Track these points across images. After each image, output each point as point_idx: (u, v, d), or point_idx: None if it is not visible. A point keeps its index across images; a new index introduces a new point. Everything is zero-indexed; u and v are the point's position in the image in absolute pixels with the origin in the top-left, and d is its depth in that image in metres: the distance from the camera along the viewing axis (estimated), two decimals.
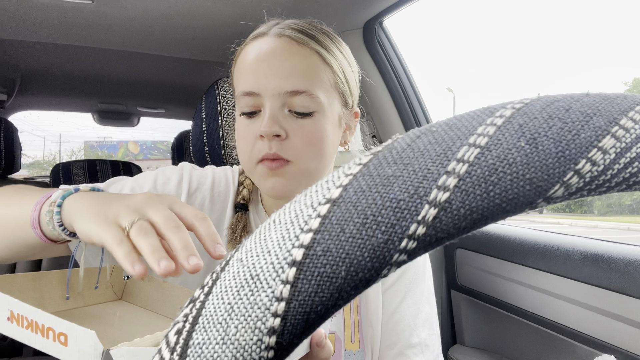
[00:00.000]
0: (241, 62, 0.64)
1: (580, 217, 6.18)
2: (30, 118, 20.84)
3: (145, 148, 18.21)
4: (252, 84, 0.60)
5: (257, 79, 0.60)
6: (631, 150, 0.17)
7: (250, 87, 0.60)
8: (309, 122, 0.60)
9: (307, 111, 0.60)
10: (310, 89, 0.59)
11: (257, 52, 0.61)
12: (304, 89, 0.59)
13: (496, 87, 59.52)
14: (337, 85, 0.64)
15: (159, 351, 0.19)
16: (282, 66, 0.59)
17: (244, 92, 0.61)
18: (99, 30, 1.38)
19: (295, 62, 0.60)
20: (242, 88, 0.61)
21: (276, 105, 0.59)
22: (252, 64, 0.61)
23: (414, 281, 0.71)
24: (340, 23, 1.25)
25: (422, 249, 0.17)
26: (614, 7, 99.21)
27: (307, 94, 0.59)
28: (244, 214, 0.67)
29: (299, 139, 0.60)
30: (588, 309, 0.83)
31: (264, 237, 0.18)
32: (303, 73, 0.60)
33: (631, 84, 7.20)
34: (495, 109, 0.19)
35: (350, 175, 0.18)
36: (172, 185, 0.66)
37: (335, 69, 0.63)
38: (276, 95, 0.59)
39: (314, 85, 0.60)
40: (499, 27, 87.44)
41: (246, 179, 0.71)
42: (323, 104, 0.61)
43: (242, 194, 0.69)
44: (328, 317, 0.18)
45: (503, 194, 0.17)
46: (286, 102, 0.59)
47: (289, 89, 0.59)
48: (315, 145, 0.61)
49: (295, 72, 0.59)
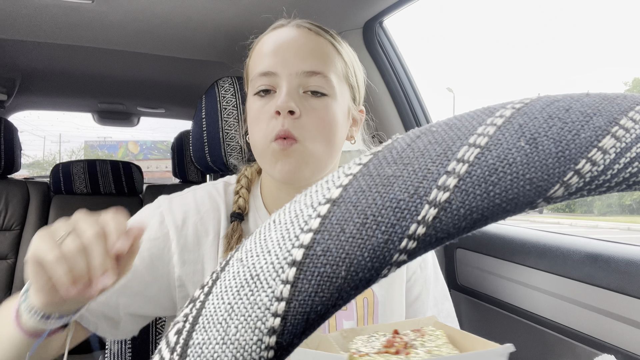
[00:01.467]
0: (259, 49, 0.66)
1: (580, 217, 6.18)
2: (30, 118, 20.83)
3: (145, 148, 18.21)
4: (270, 64, 0.62)
5: (276, 60, 0.62)
6: (631, 150, 0.17)
7: (268, 67, 0.62)
8: (322, 104, 0.62)
9: (321, 91, 0.62)
10: (325, 71, 0.62)
11: (275, 39, 0.64)
12: (319, 70, 0.62)
13: (496, 87, 59.56)
14: (347, 77, 0.66)
15: (159, 351, 0.19)
16: (301, 49, 0.62)
17: (261, 72, 0.62)
18: (99, 30, 1.38)
19: (312, 47, 0.63)
20: (259, 69, 0.63)
21: (293, 84, 0.61)
22: (271, 48, 0.63)
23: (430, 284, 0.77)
24: (340, 23, 1.25)
25: (422, 249, 0.17)
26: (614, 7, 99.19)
27: (322, 76, 0.62)
28: (239, 223, 0.67)
29: (310, 119, 0.61)
30: (588, 309, 0.83)
31: (264, 237, 0.18)
32: (319, 56, 0.63)
33: (631, 84, 7.20)
34: (495, 109, 0.19)
35: (350, 175, 0.18)
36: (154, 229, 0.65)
37: (347, 62, 0.67)
38: (293, 74, 0.61)
39: (329, 69, 0.63)
40: (499, 27, 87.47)
41: (242, 188, 0.70)
42: (335, 89, 0.63)
43: (238, 203, 0.68)
44: (328, 317, 0.18)
45: (503, 194, 0.17)
46: (302, 83, 0.62)
47: (306, 69, 0.61)
48: (325, 127, 0.62)
49: (312, 54, 0.62)
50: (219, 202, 0.69)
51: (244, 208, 0.68)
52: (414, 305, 0.75)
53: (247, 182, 0.72)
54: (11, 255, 1.93)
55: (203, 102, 1.01)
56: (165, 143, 17.09)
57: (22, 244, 1.96)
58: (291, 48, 0.62)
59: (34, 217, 2.00)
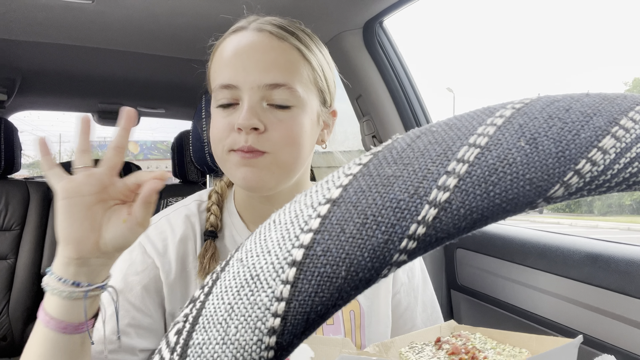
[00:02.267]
0: (219, 55, 0.62)
1: (580, 217, 6.18)
2: (30, 118, 20.83)
3: (145, 148, 18.20)
4: (231, 77, 0.59)
5: (236, 72, 0.59)
6: (631, 150, 0.17)
7: (229, 80, 0.59)
8: (288, 116, 0.59)
9: (286, 104, 0.59)
10: (289, 83, 0.59)
11: (235, 45, 0.60)
12: (283, 82, 0.58)
13: (496, 87, 59.54)
14: (316, 82, 0.63)
15: (159, 351, 0.19)
16: (262, 59, 0.58)
17: (221, 84, 0.59)
18: (99, 30, 1.38)
19: (275, 56, 0.59)
20: (219, 81, 0.60)
21: (255, 98, 0.58)
22: (230, 57, 0.60)
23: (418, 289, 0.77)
24: (340, 23, 1.25)
25: (422, 249, 0.17)
26: (614, 7, 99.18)
27: (287, 87, 0.58)
28: (212, 241, 0.65)
29: (277, 132, 0.58)
30: (588, 309, 0.83)
31: (264, 237, 0.18)
32: (283, 67, 0.59)
33: (631, 84, 7.20)
34: (495, 109, 0.19)
35: (350, 175, 0.18)
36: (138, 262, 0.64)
37: (315, 66, 0.63)
38: (255, 88, 0.58)
39: (294, 79, 0.59)
40: (499, 27, 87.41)
41: (212, 204, 0.69)
42: (302, 99, 0.60)
43: (210, 221, 0.67)
44: (328, 317, 0.18)
45: (503, 194, 0.17)
46: (265, 96, 0.59)
47: (268, 82, 0.58)
48: (293, 139, 0.60)
49: (274, 65, 0.59)
50: (194, 222, 0.68)
51: (216, 225, 0.67)
52: (404, 316, 0.75)
53: (217, 198, 0.70)
54: (11, 255, 1.93)
55: (203, 102, 1.01)
56: (165, 143, 17.08)
57: (22, 244, 1.96)
58: (252, 58, 0.58)
59: (34, 217, 2.00)
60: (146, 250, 0.64)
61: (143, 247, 0.65)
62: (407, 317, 0.75)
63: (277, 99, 0.59)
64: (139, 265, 0.64)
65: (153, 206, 0.48)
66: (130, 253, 0.64)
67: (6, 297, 1.89)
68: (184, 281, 0.65)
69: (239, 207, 0.70)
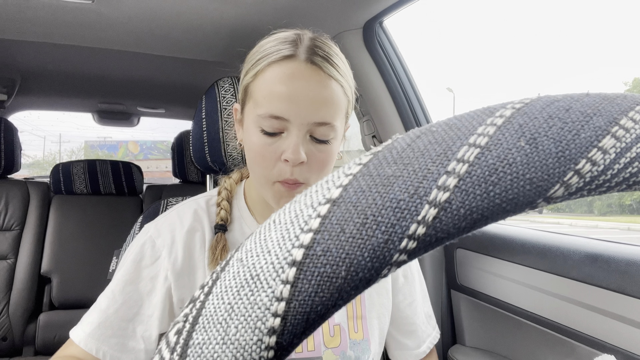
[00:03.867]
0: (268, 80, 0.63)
1: (580, 217, 6.17)
2: (30, 118, 20.84)
3: (145, 148, 18.20)
4: (282, 110, 0.61)
5: (289, 106, 0.61)
6: (631, 150, 0.17)
7: (281, 113, 0.61)
8: (326, 148, 0.64)
9: (326, 139, 0.63)
10: (333, 121, 0.63)
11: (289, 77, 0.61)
12: (329, 121, 0.62)
13: (496, 87, 59.50)
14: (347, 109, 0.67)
15: (159, 351, 0.19)
16: (314, 98, 0.61)
17: (272, 115, 0.61)
18: (99, 30, 1.38)
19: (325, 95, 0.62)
20: (270, 110, 0.61)
21: (302, 132, 0.62)
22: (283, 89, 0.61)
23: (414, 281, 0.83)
24: (340, 23, 1.25)
25: (422, 249, 0.17)
26: (614, 7, 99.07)
27: (330, 125, 0.63)
28: (223, 234, 0.70)
29: (315, 164, 0.63)
30: (588, 309, 0.83)
31: (264, 237, 0.18)
32: (330, 105, 0.62)
33: (631, 84, 7.19)
34: (495, 109, 0.19)
35: (350, 175, 0.18)
36: (147, 255, 0.68)
37: (349, 95, 0.66)
38: (305, 124, 0.61)
39: (337, 116, 0.63)
40: (499, 27, 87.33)
41: (222, 200, 0.73)
42: (338, 131, 0.65)
43: (220, 215, 0.71)
44: (328, 317, 0.17)
45: (503, 194, 0.17)
46: (310, 130, 0.62)
47: (317, 120, 0.61)
48: (326, 168, 0.65)
49: (324, 104, 0.62)
50: (202, 216, 0.72)
51: (226, 219, 0.71)
52: (405, 311, 0.82)
53: (227, 194, 0.74)
54: (11, 255, 1.93)
55: (203, 102, 1.01)
56: (165, 143, 17.09)
57: (22, 244, 1.96)
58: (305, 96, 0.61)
59: (34, 217, 2.00)
60: (156, 244, 0.68)
61: (153, 240, 0.69)
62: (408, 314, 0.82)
63: (320, 134, 0.63)
64: (149, 259, 0.68)
65: None
66: (142, 247, 0.68)
67: (6, 297, 1.89)
68: (191, 271, 0.69)
69: (249, 202, 0.74)
